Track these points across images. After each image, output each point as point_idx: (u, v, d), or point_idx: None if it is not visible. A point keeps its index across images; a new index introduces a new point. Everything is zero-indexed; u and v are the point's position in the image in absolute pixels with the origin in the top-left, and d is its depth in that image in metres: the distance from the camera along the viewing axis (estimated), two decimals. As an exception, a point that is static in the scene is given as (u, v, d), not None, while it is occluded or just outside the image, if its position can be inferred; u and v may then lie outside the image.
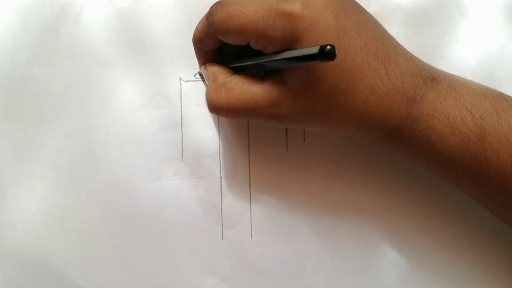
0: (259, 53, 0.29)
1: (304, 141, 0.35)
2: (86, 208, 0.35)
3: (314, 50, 0.23)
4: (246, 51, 0.32)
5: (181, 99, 0.35)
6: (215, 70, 0.31)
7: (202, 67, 0.33)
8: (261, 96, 0.28)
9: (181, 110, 0.35)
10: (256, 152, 0.35)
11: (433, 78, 0.28)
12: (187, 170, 0.35)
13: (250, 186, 0.35)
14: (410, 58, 0.28)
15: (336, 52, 0.23)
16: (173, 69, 0.35)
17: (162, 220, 0.35)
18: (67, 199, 0.35)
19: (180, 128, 0.35)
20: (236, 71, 0.31)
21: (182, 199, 0.35)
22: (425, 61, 0.29)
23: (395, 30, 0.33)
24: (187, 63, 0.35)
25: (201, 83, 0.35)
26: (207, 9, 0.29)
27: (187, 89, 0.35)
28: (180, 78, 0.35)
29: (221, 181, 0.35)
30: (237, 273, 0.35)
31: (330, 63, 0.25)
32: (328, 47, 0.23)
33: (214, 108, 0.29)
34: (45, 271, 0.35)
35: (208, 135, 0.35)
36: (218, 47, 0.31)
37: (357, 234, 0.35)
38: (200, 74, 0.35)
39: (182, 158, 0.35)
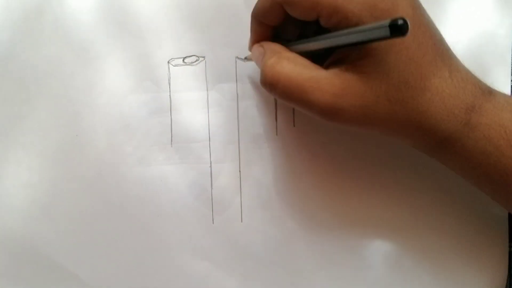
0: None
1: (294, 126, 0.35)
2: (75, 195, 0.35)
3: (385, 23, 0.21)
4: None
5: (169, 83, 0.35)
6: (276, 45, 0.29)
7: (256, 45, 0.30)
8: (325, 79, 0.26)
9: (169, 95, 0.35)
10: (246, 137, 0.35)
11: (489, 91, 0.28)
12: (177, 155, 0.35)
13: (240, 171, 0.35)
14: (468, 69, 0.28)
15: (409, 27, 0.21)
16: (161, 53, 0.34)
17: (152, 205, 0.35)
18: (55, 186, 0.35)
19: (169, 113, 0.35)
20: None
21: (172, 184, 0.35)
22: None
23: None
24: (175, 46, 0.34)
25: (189, 67, 0.35)
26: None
27: (175, 74, 0.35)
28: (168, 62, 0.34)
29: (211, 166, 0.35)
30: (228, 257, 0.35)
31: (404, 55, 0.25)
32: (400, 21, 0.21)
33: (272, 76, 0.27)
34: (35, 258, 0.35)
35: (197, 120, 0.35)
36: (280, 23, 0.29)
37: (346, 216, 0.35)
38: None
39: (171, 144, 0.35)
